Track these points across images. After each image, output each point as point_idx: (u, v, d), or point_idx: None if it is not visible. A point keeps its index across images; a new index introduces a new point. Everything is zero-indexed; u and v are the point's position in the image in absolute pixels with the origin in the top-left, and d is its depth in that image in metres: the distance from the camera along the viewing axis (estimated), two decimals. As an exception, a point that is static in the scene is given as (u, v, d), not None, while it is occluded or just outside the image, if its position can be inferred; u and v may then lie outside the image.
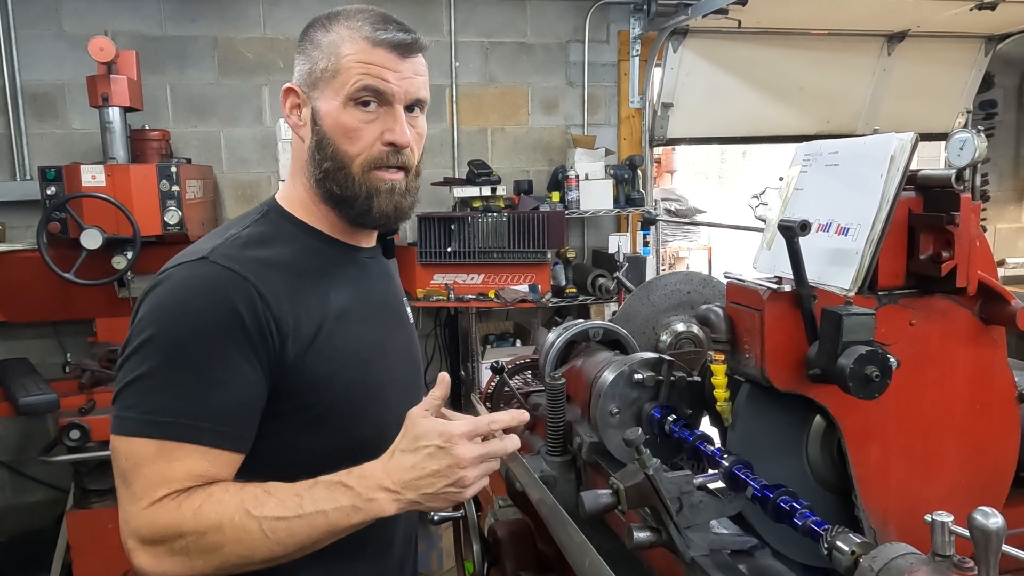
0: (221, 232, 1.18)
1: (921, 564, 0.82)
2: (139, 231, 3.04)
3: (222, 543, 1.01)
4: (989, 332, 1.23)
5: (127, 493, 1.03)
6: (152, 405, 1.03)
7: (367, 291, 1.27)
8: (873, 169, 1.16)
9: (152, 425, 1.02)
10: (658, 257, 3.84)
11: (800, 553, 1.18)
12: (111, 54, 3.12)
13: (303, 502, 1.03)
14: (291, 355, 1.10)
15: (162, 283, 1.09)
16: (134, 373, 1.05)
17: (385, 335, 1.28)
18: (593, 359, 1.62)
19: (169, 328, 1.05)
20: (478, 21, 4.37)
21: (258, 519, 1.01)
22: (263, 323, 1.07)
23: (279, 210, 1.24)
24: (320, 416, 1.15)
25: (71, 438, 2.92)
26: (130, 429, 1.03)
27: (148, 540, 1.01)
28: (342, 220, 1.24)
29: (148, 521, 1.01)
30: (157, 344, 1.04)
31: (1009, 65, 5.11)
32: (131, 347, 1.07)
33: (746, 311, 1.19)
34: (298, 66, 1.20)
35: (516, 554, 1.60)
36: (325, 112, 1.16)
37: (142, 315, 1.08)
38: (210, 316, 1.05)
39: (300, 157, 1.22)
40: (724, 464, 1.15)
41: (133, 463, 1.02)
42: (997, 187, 5.27)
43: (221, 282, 1.07)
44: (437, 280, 3.90)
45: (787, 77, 4.61)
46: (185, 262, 1.10)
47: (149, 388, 1.04)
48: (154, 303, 1.07)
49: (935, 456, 1.22)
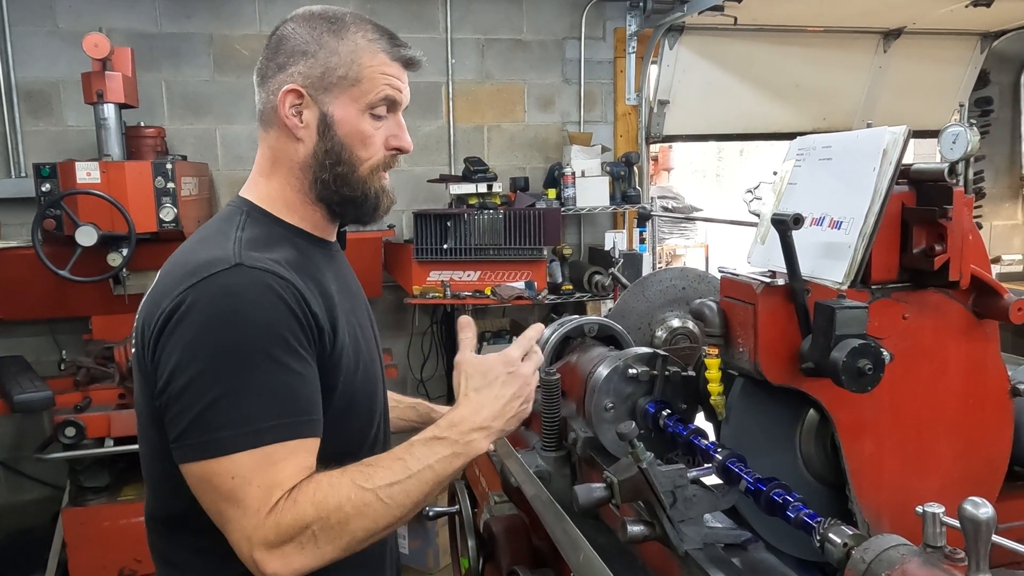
0: (220, 236, 1.15)
1: (912, 555, 0.82)
2: (134, 228, 3.03)
3: (346, 522, 1.04)
4: (982, 326, 1.23)
5: (239, 511, 1.01)
6: (246, 417, 1.02)
7: (344, 283, 1.30)
8: (866, 163, 1.16)
9: (254, 435, 1.02)
10: (654, 254, 3.85)
11: (793, 546, 1.18)
12: (106, 51, 3.11)
13: (408, 463, 1.09)
14: (327, 348, 1.14)
15: (201, 297, 1.05)
16: (213, 393, 1.02)
17: (365, 324, 1.32)
18: (588, 355, 1.62)
19: (233, 338, 1.04)
20: (474, 18, 4.37)
21: (372, 490, 1.06)
22: (308, 320, 1.10)
23: (260, 210, 1.22)
24: (347, 407, 1.19)
25: (66, 435, 2.92)
26: (230, 447, 1.02)
27: (275, 544, 1.01)
28: (331, 218, 1.27)
29: (272, 526, 1.01)
30: (226, 358, 1.03)
31: (1005, 62, 5.12)
32: (193, 369, 1.03)
33: (740, 305, 1.20)
34: (297, 65, 1.18)
35: (511, 549, 1.60)
36: (341, 118, 1.19)
37: (192, 334, 1.04)
38: (271, 318, 1.06)
39: (290, 159, 1.21)
40: (718, 458, 1.15)
41: (242, 479, 1.01)
42: (992, 184, 5.28)
43: (269, 285, 1.07)
44: (433, 277, 3.90)
45: (783, 74, 4.61)
46: (219, 271, 1.07)
47: (236, 401, 1.03)
48: (205, 318, 1.04)
49: (928, 450, 1.22)
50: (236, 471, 1.01)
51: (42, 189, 3.11)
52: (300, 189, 1.22)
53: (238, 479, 1.01)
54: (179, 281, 1.08)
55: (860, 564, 0.85)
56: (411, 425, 1.63)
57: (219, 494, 1.03)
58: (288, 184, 1.23)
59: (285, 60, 1.19)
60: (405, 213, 4.27)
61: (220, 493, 1.03)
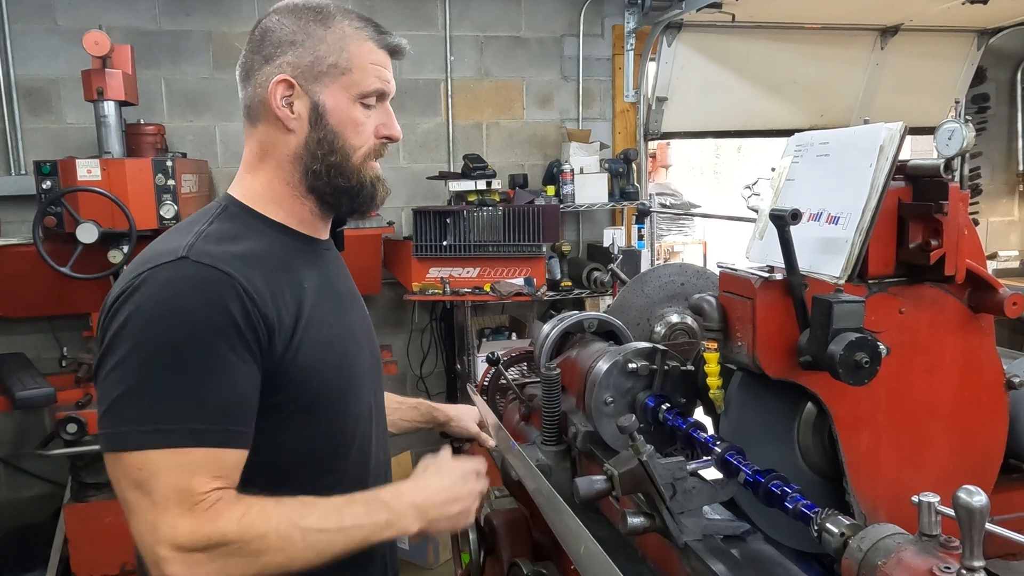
0: (185, 229, 1.14)
1: (908, 544, 0.83)
2: (135, 225, 3.04)
3: (264, 551, 1.03)
4: (978, 320, 1.24)
5: (147, 502, 1.00)
6: (157, 414, 1.00)
7: (332, 281, 1.28)
8: (863, 159, 1.17)
9: (161, 434, 1.00)
10: (653, 250, 3.86)
11: (791, 538, 1.20)
12: (106, 48, 3.12)
13: (343, 516, 1.09)
14: (279, 349, 1.10)
15: (141, 286, 1.04)
16: (127, 383, 1.01)
17: (353, 323, 1.30)
18: (588, 350, 1.63)
19: (161, 332, 1.02)
20: (473, 15, 4.37)
21: (302, 530, 1.05)
22: (253, 320, 1.06)
23: (240, 205, 1.21)
24: (308, 406, 1.16)
25: (68, 432, 2.93)
26: (137, 442, 1.00)
27: (186, 548, 0.99)
28: (324, 212, 1.26)
29: (187, 530, 0.99)
30: (149, 350, 1.01)
31: (1001, 59, 5.13)
32: (117, 355, 1.02)
33: (738, 300, 1.21)
34: (286, 56, 1.16)
35: (512, 542, 1.61)
36: (333, 107, 1.18)
37: (125, 321, 1.03)
38: (203, 316, 1.03)
39: (280, 151, 1.20)
40: (716, 450, 1.16)
41: (148, 473, 1.00)
42: (989, 180, 5.29)
43: (208, 281, 1.05)
44: (433, 274, 3.91)
45: (781, 71, 4.62)
46: (164, 263, 1.06)
47: (150, 396, 1.01)
48: (138, 307, 1.03)
49: (924, 442, 1.23)
50: (144, 464, 1.00)
51: (43, 186, 3.12)
52: (289, 182, 1.21)
53: (145, 472, 1.00)
54: (131, 270, 1.08)
55: (857, 553, 0.87)
56: (415, 426, 1.65)
57: (127, 482, 1.01)
58: (276, 177, 1.21)
59: (272, 52, 1.17)
60: (404, 210, 4.28)
61: (128, 481, 1.01)
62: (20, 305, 3.60)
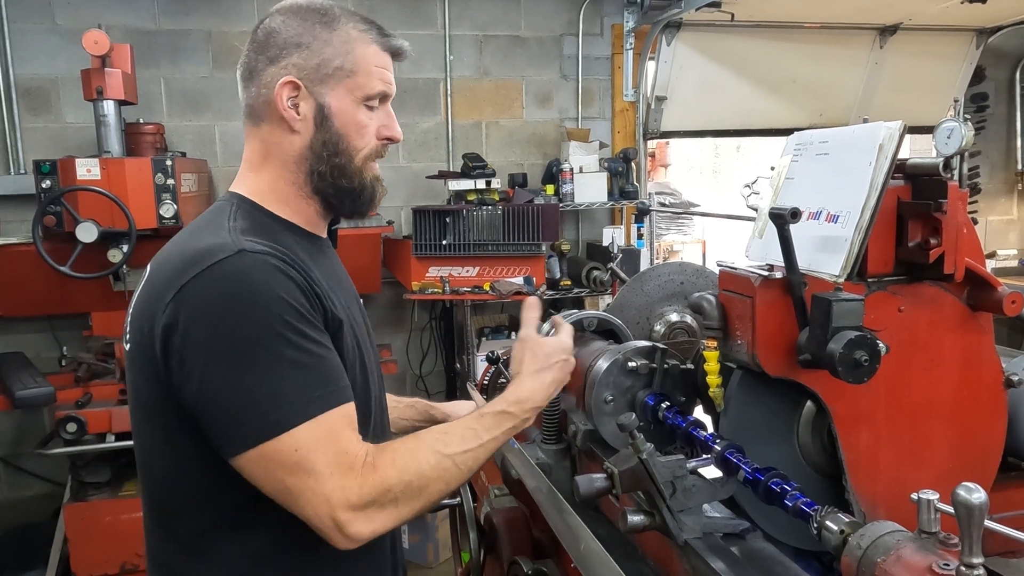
0: (211, 227, 1.14)
1: (907, 541, 0.84)
2: (135, 224, 3.04)
3: (426, 484, 1.11)
4: (976, 318, 1.25)
5: (312, 479, 1.02)
6: (289, 394, 1.03)
7: (338, 277, 1.29)
8: (862, 158, 1.18)
9: (305, 406, 1.04)
10: (652, 249, 3.86)
11: (791, 536, 1.20)
12: (105, 47, 3.12)
13: (479, 433, 1.18)
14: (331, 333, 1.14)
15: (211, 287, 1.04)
16: (249, 383, 1.03)
17: (360, 316, 1.32)
18: (587, 348, 1.63)
19: (253, 325, 1.03)
20: (472, 14, 4.37)
21: (450, 456, 1.13)
22: (315, 302, 1.11)
23: (250, 203, 1.21)
24: None
25: (68, 431, 2.93)
26: (284, 424, 1.02)
27: (359, 506, 1.04)
28: (326, 212, 1.27)
29: (355, 489, 1.04)
30: (252, 346, 1.03)
31: (1000, 58, 5.14)
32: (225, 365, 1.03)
33: (738, 298, 1.21)
34: (291, 57, 1.17)
35: (512, 541, 1.61)
36: (338, 109, 1.19)
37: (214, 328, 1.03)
38: (284, 296, 1.06)
39: (284, 152, 1.20)
40: (716, 448, 1.17)
41: (306, 450, 1.03)
42: (988, 180, 5.30)
43: (275, 266, 1.07)
44: (432, 273, 3.91)
45: (780, 70, 4.62)
46: (221, 259, 1.05)
47: (274, 384, 1.03)
48: (222, 310, 1.04)
49: (924, 440, 1.24)
50: (298, 444, 1.03)
51: (42, 186, 3.12)
52: (294, 183, 1.22)
53: (302, 450, 1.03)
54: (180, 273, 1.06)
55: (856, 550, 0.87)
56: (412, 424, 1.64)
57: (285, 469, 1.03)
58: (281, 178, 1.21)
59: (277, 53, 1.17)
60: (404, 209, 4.28)
61: (287, 468, 1.03)
62: (20, 304, 3.60)
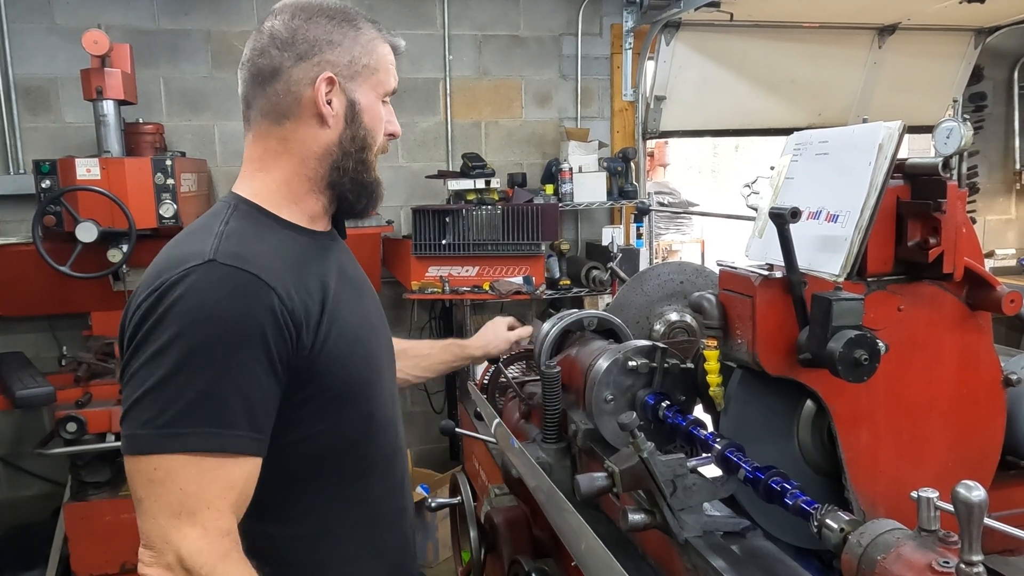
0: (202, 231, 1.14)
1: (907, 539, 0.84)
2: (134, 224, 3.04)
3: None
4: (975, 317, 1.25)
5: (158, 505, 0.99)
6: (183, 416, 1.00)
7: (343, 271, 1.28)
8: (862, 157, 1.18)
9: (185, 437, 1.00)
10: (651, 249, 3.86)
11: (791, 534, 1.20)
12: (105, 47, 3.12)
13: None
14: (307, 343, 1.12)
15: (169, 291, 1.04)
16: (148, 386, 1.01)
17: (368, 310, 1.32)
18: (588, 348, 1.64)
19: (190, 336, 1.01)
20: (471, 14, 4.38)
21: None
22: (281, 324, 1.07)
23: (249, 204, 1.21)
24: (338, 396, 1.18)
25: (68, 431, 2.93)
26: (154, 445, 1.00)
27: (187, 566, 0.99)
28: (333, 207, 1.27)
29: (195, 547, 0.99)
30: (176, 354, 1.01)
31: (999, 58, 5.14)
32: (142, 359, 1.02)
33: (738, 297, 1.22)
34: (325, 54, 1.17)
35: (512, 540, 1.62)
36: (366, 105, 1.23)
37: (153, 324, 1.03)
38: (233, 323, 1.03)
39: (307, 147, 1.20)
40: (716, 447, 1.17)
41: (164, 474, 0.99)
42: (987, 179, 5.30)
43: (239, 285, 1.05)
44: (432, 272, 3.91)
45: (779, 70, 4.63)
46: (192, 266, 1.05)
47: (170, 399, 1.00)
48: (167, 312, 1.03)
49: (923, 439, 1.24)
50: (161, 467, 1.00)
51: (42, 185, 3.12)
52: (311, 177, 1.22)
53: (161, 472, 1.00)
54: (155, 276, 1.07)
55: (856, 548, 0.88)
56: (450, 366, 1.81)
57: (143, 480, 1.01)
58: (296, 174, 1.21)
59: (307, 50, 1.17)
60: (403, 209, 4.28)
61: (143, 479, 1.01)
62: (19, 304, 3.60)
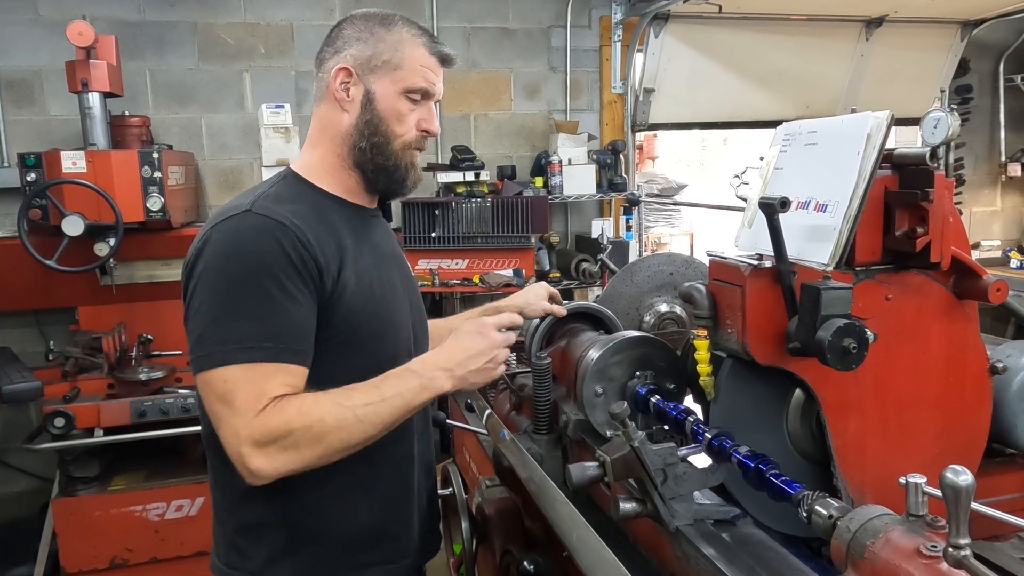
0: (250, 193, 1.37)
1: (896, 524, 0.85)
2: (121, 218, 3.01)
3: (325, 432, 1.21)
4: (962, 306, 1.27)
5: (229, 411, 1.19)
6: (234, 335, 1.21)
7: (376, 242, 1.47)
8: (850, 147, 1.19)
9: (240, 351, 1.20)
10: (640, 241, 3.87)
11: (781, 522, 1.22)
12: (90, 39, 3.08)
13: (382, 390, 1.27)
14: (327, 288, 1.30)
15: (213, 235, 1.26)
16: (212, 315, 1.22)
17: (395, 279, 1.48)
18: (578, 339, 1.64)
19: (231, 270, 1.23)
20: (460, 6, 4.36)
21: (350, 407, 1.23)
22: (306, 260, 1.27)
23: (296, 176, 1.43)
24: (346, 342, 1.34)
25: (56, 426, 2.91)
26: (221, 360, 1.20)
27: (261, 442, 1.18)
28: (366, 185, 1.46)
29: (260, 426, 1.18)
30: (221, 287, 1.22)
31: (984, 50, 5.18)
32: (200, 296, 1.24)
33: (728, 287, 1.22)
34: (351, 49, 1.39)
35: (504, 531, 1.62)
36: (382, 96, 1.40)
37: (204, 267, 1.24)
38: (264, 255, 1.24)
39: (335, 128, 1.42)
40: (707, 436, 1.18)
41: (232, 385, 1.19)
42: (972, 171, 5.35)
43: (268, 227, 1.26)
44: (422, 265, 3.91)
45: (767, 62, 4.64)
46: (231, 216, 1.28)
47: (226, 325, 1.21)
48: (212, 253, 1.25)
49: (910, 427, 1.25)
50: (228, 378, 1.20)
51: (27, 179, 3.08)
52: (340, 155, 1.43)
53: (229, 385, 1.20)
54: (205, 226, 1.31)
55: (846, 533, 0.88)
56: None
57: (214, 396, 1.21)
58: (331, 151, 1.43)
59: (341, 45, 1.41)
60: (393, 202, 4.27)
61: (214, 395, 1.21)
62: (5, 299, 3.56)
